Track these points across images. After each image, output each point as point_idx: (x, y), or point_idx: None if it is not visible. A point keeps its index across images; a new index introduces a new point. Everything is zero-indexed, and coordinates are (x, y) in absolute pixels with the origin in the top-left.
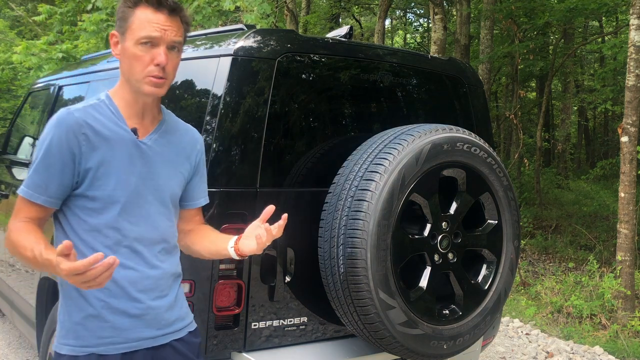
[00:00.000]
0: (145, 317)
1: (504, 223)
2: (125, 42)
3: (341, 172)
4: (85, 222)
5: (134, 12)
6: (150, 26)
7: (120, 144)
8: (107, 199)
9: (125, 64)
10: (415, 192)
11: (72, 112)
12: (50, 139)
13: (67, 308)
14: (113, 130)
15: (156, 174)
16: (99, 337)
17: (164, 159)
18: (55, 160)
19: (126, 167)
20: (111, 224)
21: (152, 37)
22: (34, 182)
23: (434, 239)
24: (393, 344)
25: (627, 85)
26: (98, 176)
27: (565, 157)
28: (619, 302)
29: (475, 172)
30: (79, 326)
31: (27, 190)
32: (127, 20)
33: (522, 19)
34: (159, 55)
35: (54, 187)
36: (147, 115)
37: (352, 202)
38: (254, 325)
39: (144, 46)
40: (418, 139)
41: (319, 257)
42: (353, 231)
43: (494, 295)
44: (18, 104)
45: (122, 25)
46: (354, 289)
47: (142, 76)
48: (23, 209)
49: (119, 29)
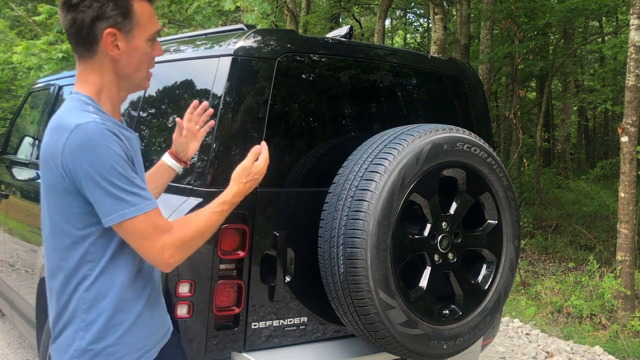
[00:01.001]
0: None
1: (504, 223)
2: (133, 40)
3: (341, 172)
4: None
5: (133, 6)
6: (154, 19)
7: (135, 143)
8: None
9: (128, 63)
10: (415, 192)
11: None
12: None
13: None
14: (126, 134)
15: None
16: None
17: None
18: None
19: (142, 165)
20: None
21: (158, 31)
22: (140, 192)
23: (434, 239)
24: (393, 344)
25: (627, 85)
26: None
27: (565, 157)
28: (619, 302)
29: (475, 172)
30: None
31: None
32: (128, 16)
33: (522, 19)
34: (159, 48)
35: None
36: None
37: (352, 202)
38: (254, 325)
39: (152, 42)
40: (418, 139)
41: (319, 257)
42: (353, 231)
43: (494, 295)
44: (18, 104)
45: (124, 22)
46: (354, 289)
47: (146, 73)
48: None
49: (120, 26)
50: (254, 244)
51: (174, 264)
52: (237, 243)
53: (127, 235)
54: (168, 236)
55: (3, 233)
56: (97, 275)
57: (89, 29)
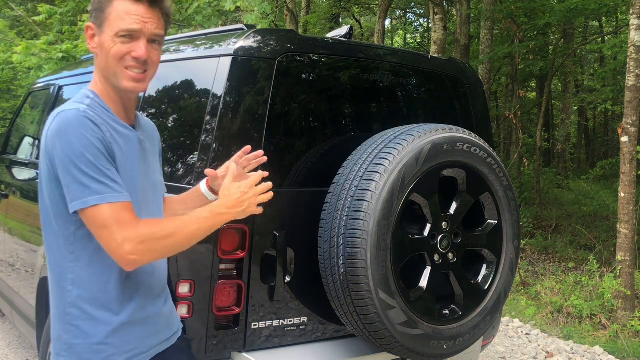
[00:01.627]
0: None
1: (504, 223)
2: (102, 35)
3: (341, 172)
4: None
5: (112, 3)
6: (130, 18)
7: (131, 143)
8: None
9: (102, 59)
10: (415, 192)
11: (86, 112)
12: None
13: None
14: (119, 129)
15: (152, 170)
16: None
17: (151, 153)
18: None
19: (136, 166)
20: None
21: (132, 30)
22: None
23: (434, 239)
24: (393, 344)
25: (627, 85)
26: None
27: (565, 157)
28: (619, 302)
29: (475, 172)
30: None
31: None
32: (104, 11)
33: (522, 19)
34: (139, 49)
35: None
36: (130, 111)
37: (352, 202)
38: (254, 325)
39: (123, 39)
40: (418, 139)
41: (319, 257)
42: (353, 231)
43: (494, 295)
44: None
45: (99, 16)
46: (354, 289)
47: (121, 71)
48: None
49: (95, 20)
50: (254, 244)
51: (135, 261)
52: (237, 243)
53: (90, 224)
54: (131, 230)
55: (3, 233)
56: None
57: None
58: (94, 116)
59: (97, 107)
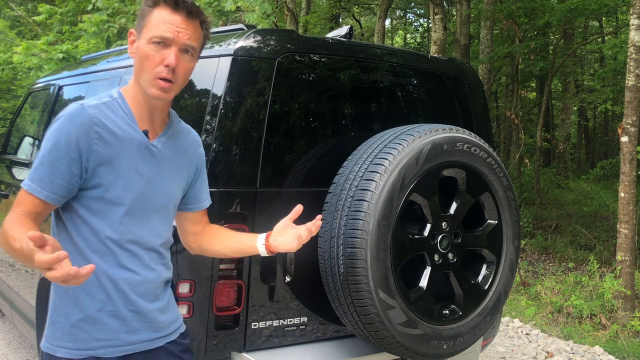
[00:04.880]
0: (142, 320)
1: (504, 223)
2: (140, 40)
3: (341, 172)
4: (87, 223)
5: (153, 12)
6: (165, 26)
7: (131, 146)
8: (114, 200)
9: (136, 63)
10: (415, 192)
11: (85, 108)
12: (59, 133)
13: (64, 309)
14: (125, 131)
15: (163, 178)
16: (97, 340)
17: (171, 162)
18: (62, 155)
19: (136, 169)
20: (114, 226)
21: (164, 38)
22: (38, 176)
23: (434, 239)
24: (393, 344)
25: (627, 85)
26: (107, 177)
27: (565, 157)
28: (619, 302)
29: (475, 172)
30: (76, 328)
31: (31, 183)
32: (144, 18)
33: (522, 19)
34: (169, 56)
35: (60, 183)
36: (157, 117)
37: (352, 202)
38: (254, 325)
39: (156, 46)
40: (418, 139)
41: (319, 257)
42: (353, 231)
43: (494, 295)
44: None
45: (140, 23)
46: (354, 289)
47: (151, 77)
48: (23, 202)
49: (137, 27)
50: None
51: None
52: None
53: None
54: (12, 214)
55: None
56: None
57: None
58: (93, 113)
59: (114, 106)
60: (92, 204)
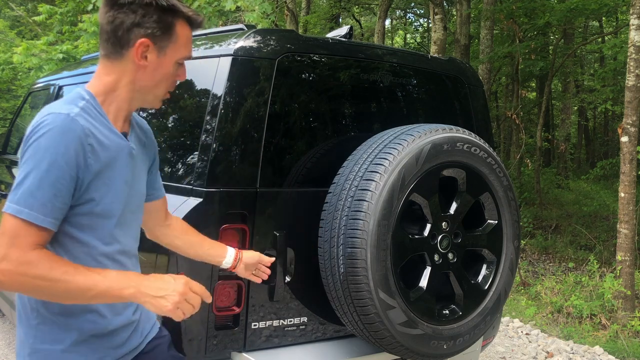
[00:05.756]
0: (131, 330)
1: (504, 223)
2: (164, 57)
3: (341, 172)
4: (78, 240)
5: (176, 26)
6: (190, 45)
7: (118, 154)
8: (105, 213)
9: (149, 77)
10: (415, 192)
11: (75, 120)
12: (55, 150)
13: (52, 335)
14: (110, 139)
15: (137, 179)
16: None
17: (140, 160)
18: (62, 175)
19: (122, 177)
20: (106, 239)
21: (189, 57)
22: (38, 201)
23: (434, 239)
24: (393, 344)
25: (627, 85)
26: (98, 189)
27: (565, 157)
28: (619, 302)
29: (475, 172)
30: (69, 353)
31: (30, 211)
32: (168, 33)
33: (522, 19)
34: (183, 74)
35: (59, 206)
36: (128, 118)
37: (352, 202)
38: (254, 325)
39: (180, 66)
40: (418, 139)
41: (319, 257)
42: (353, 231)
43: (494, 295)
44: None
45: (161, 37)
46: (354, 289)
47: (163, 94)
48: (25, 236)
49: (156, 39)
50: (254, 244)
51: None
52: (237, 243)
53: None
54: (18, 253)
55: None
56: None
57: (125, 31)
58: (84, 124)
59: (91, 110)
60: (81, 220)
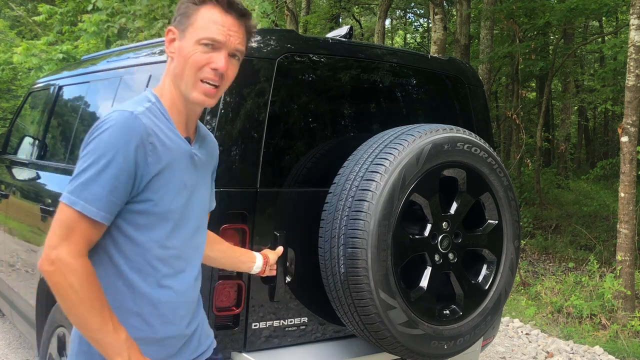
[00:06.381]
0: (181, 343)
1: (504, 223)
2: (184, 40)
3: (341, 172)
4: (132, 239)
5: (199, 10)
6: (216, 27)
7: (179, 156)
8: (163, 214)
9: (178, 64)
10: (416, 192)
11: (138, 117)
12: (115, 146)
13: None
14: (173, 140)
15: (199, 186)
16: None
17: (204, 169)
18: (120, 171)
19: (182, 180)
20: (162, 242)
21: (215, 40)
22: (93, 195)
23: (434, 239)
24: (394, 344)
25: (627, 85)
26: (157, 189)
27: (565, 157)
28: (619, 302)
29: (475, 172)
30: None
31: (85, 204)
32: (189, 16)
33: (522, 19)
34: (219, 60)
35: (115, 202)
36: (191, 123)
37: (352, 202)
38: (254, 325)
39: (204, 47)
40: (419, 139)
41: (319, 257)
42: (354, 231)
43: (494, 295)
44: (18, 104)
45: (183, 21)
46: (355, 289)
47: (194, 80)
48: (78, 228)
49: (179, 24)
50: (253, 244)
51: (44, 272)
52: (237, 243)
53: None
54: (69, 249)
55: (3, 233)
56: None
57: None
58: (146, 122)
59: (156, 112)
60: (138, 219)
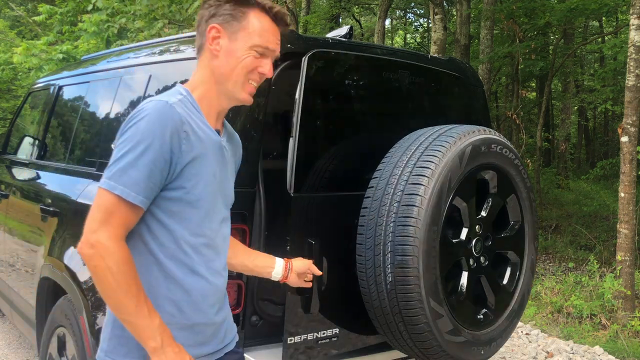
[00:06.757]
0: (210, 332)
1: (526, 224)
2: (235, 42)
3: (379, 176)
4: (166, 226)
5: (248, 15)
6: (269, 36)
7: (210, 146)
8: (195, 202)
9: (227, 64)
10: (458, 196)
11: (173, 107)
12: (152, 133)
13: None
14: (204, 131)
15: (227, 178)
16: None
17: (230, 162)
18: (157, 157)
19: (212, 170)
20: (193, 229)
21: (269, 49)
22: (132, 179)
23: (469, 243)
24: (439, 354)
25: (627, 85)
26: (190, 178)
27: (565, 157)
28: (619, 302)
29: (504, 174)
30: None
31: (124, 188)
32: (239, 19)
33: (523, 19)
34: (266, 66)
35: (152, 187)
36: (220, 118)
37: (399, 207)
38: (290, 340)
39: (257, 53)
40: (459, 140)
41: (359, 265)
42: (403, 238)
43: (519, 297)
44: (18, 104)
45: (232, 23)
46: (403, 298)
47: (243, 81)
48: (118, 211)
49: (226, 25)
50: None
51: (84, 255)
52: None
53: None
54: (110, 232)
55: (3, 233)
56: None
57: (204, 24)
58: (180, 111)
59: (187, 104)
60: (171, 207)
